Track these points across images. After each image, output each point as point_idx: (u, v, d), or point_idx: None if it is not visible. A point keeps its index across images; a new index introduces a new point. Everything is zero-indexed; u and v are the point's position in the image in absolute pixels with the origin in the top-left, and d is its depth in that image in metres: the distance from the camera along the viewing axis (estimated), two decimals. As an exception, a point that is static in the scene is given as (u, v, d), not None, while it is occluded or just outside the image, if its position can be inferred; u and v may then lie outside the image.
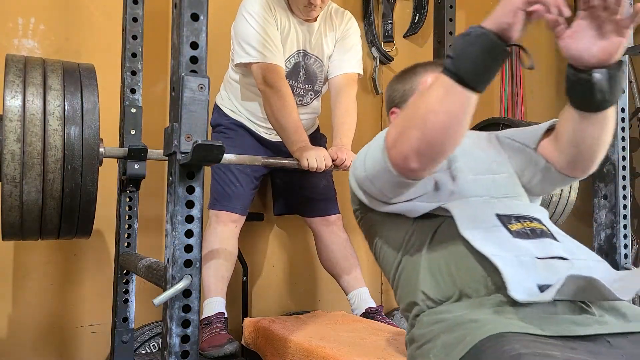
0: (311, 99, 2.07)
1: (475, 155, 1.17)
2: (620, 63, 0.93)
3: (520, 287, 0.88)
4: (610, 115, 1.02)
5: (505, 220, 1.02)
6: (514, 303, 0.89)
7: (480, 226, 1.00)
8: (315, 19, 1.97)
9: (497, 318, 0.87)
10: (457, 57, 0.86)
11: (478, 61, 0.86)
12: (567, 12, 0.87)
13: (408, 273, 1.09)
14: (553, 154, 1.13)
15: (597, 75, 0.93)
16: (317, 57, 2.01)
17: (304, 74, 2.01)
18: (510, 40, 0.87)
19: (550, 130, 1.15)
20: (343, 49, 2.03)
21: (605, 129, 1.03)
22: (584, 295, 0.90)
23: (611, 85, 0.94)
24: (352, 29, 2.06)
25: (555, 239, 1.03)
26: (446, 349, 0.89)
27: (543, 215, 1.12)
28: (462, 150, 1.11)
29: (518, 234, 1.00)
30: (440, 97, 0.88)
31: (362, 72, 2.07)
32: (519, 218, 1.04)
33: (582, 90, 0.97)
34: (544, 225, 1.07)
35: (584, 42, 0.92)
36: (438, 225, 1.07)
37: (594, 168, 1.12)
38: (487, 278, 0.95)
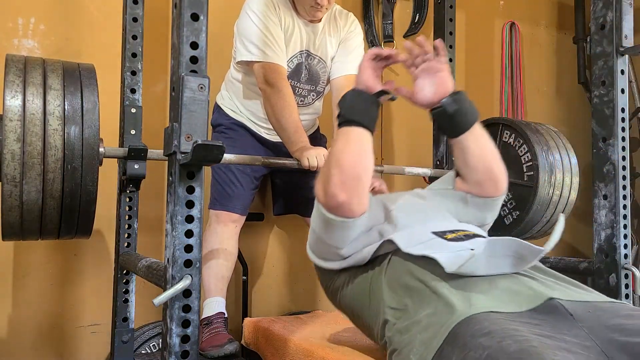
0: (313, 99, 2.07)
1: (408, 205, 1.34)
2: (458, 91, 1.25)
3: (454, 266, 1.01)
4: (479, 132, 1.27)
5: (440, 234, 1.17)
6: (470, 288, 1.00)
7: (419, 242, 1.15)
8: (320, 20, 1.97)
9: (463, 305, 0.96)
10: (345, 112, 1.20)
11: (357, 108, 1.19)
12: (401, 57, 1.24)
13: (377, 304, 1.17)
14: (466, 186, 1.34)
15: (445, 101, 1.23)
16: (320, 57, 2.01)
17: (307, 75, 2.01)
18: (372, 90, 1.21)
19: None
20: (346, 51, 2.03)
21: (481, 143, 1.28)
22: (517, 264, 1.03)
23: (461, 106, 1.23)
24: (355, 31, 2.06)
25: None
26: (424, 344, 0.96)
27: (477, 230, 1.26)
28: (396, 205, 1.32)
29: (453, 239, 1.15)
30: (344, 141, 1.17)
31: None
32: (453, 231, 1.19)
33: (444, 119, 1.25)
34: (477, 233, 1.20)
35: (426, 90, 1.25)
36: (389, 257, 1.19)
37: (501, 181, 1.32)
38: (433, 273, 1.06)
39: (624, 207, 1.55)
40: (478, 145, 1.27)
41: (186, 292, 1.06)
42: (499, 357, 0.79)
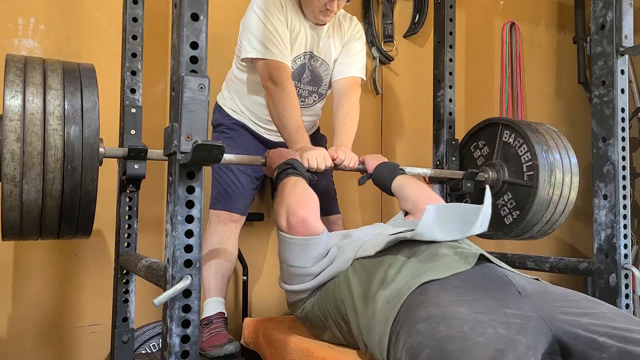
0: (314, 101, 2.07)
1: (363, 227, 1.63)
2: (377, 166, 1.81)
3: (417, 235, 1.24)
4: (405, 178, 1.75)
5: (395, 233, 1.35)
6: (420, 261, 1.19)
7: (380, 243, 1.32)
8: (325, 23, 1.97)
9: (412, 280, 1.12)
10: (292, 166, 1.55)
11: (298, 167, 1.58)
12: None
13: (345, 303, 1.31)
14: (412, 216, 1.68)
15: (366, 177, 1.84)
16: (323, 60, 2.01)
17: (309, 76, 2.01)
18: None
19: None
20: (348, 53, 2.03)
21: (409, 180, 1.74)
22: (464, 229, 1.24)
23: (379, 175, 1.78)
24: (358, 34, 2.06)
25: None
26: (383, 322, 1.11)
27: None
28: (354, 229, 1.61)
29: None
30: (292, 183, 1.49)
31: (365, 77, 2.07)
32: (407, 230, 1.38)
33: (376, 183, 1.82)
34: None
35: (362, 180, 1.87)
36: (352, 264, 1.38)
37: (440, 200, 1.76)
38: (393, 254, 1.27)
39: (624, 207, 1.55)
40: (408, 183, 1.73)
41: (186, 292, 1.06)
42: (428, 343, 0.92)
